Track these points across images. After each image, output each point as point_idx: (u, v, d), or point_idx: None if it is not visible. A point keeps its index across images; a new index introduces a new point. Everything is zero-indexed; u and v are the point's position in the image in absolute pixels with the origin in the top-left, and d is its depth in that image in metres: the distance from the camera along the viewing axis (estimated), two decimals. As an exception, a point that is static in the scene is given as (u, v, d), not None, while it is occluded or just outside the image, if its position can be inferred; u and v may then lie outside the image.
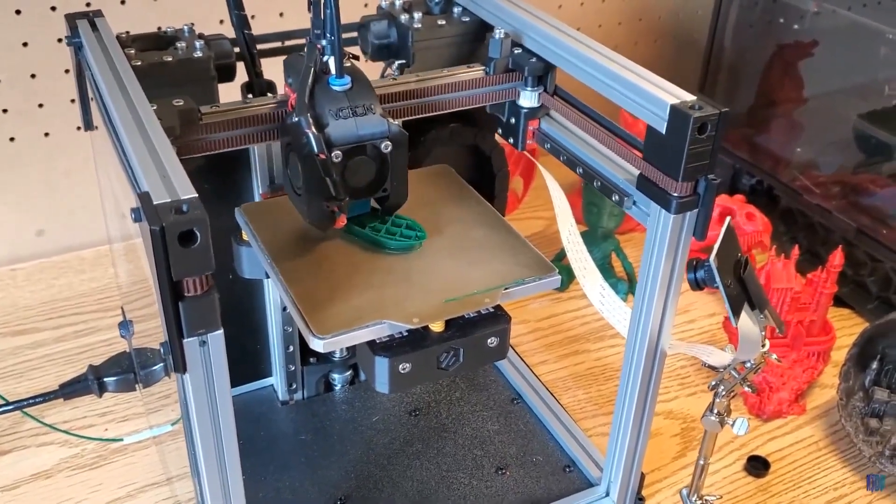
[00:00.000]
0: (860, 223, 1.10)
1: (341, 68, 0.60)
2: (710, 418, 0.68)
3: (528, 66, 0.70)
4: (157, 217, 0.46)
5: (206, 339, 0.50)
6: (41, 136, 1.09)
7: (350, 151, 0.60)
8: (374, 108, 0.60)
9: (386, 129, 0.60)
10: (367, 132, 0.60)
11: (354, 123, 0.60)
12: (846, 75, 1.20)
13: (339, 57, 0.59)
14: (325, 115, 0.59)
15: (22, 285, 1.10)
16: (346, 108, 0.59)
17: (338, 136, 0.59)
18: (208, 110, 0.63)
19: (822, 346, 0.97)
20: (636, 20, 1.43)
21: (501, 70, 0.71)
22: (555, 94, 0.72)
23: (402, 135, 0.61)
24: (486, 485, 0.79)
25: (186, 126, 0.60)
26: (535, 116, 0.73)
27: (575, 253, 0.76)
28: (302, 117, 0.58)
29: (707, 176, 0.59)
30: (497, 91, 0.72)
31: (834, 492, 0.87)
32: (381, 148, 0.60)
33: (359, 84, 0.61)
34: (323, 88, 0.60)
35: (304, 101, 0.59)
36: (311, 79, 0.59)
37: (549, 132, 0.72)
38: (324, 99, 0.59)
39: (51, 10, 1.02)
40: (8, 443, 0.88)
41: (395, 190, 0.63)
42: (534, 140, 0.74)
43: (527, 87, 0.71)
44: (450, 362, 0.61)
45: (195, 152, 0.61)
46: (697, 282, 0.59)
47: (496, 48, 0.71)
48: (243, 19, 0.74)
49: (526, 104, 0.72)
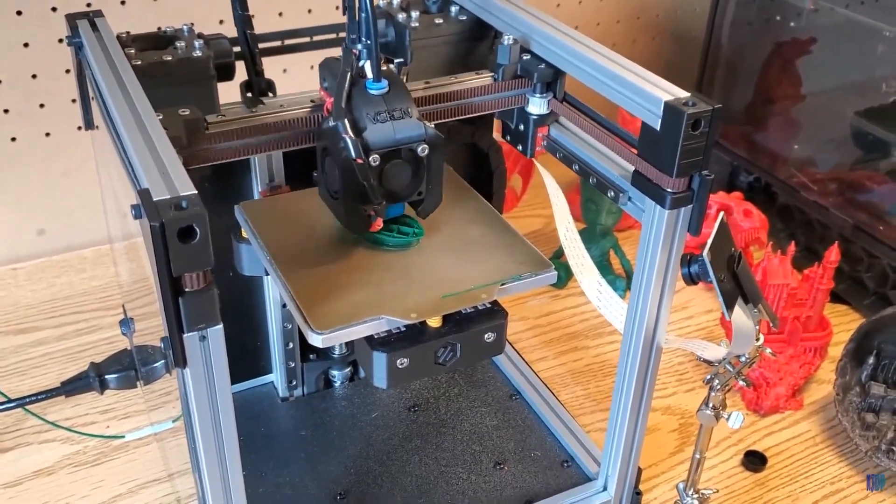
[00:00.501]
0: (857, 220, 1.11)
1: (378, 72, 0.60)
2: (706, 412, 0.68)
3: (538, 73, 0.69)
4: (157, 213, 0.47)
5: (206, 333, 0.51)
6: (42, 136, 1.10)
7: (387, 155, 0.59)
8: (412, 112, 0.60)
9: (423, 132, 0.60)
10: (404, 136, 0.60)
11: (392, 127, 0.59)
12: (843, 73, 1.20)
13: (375, 61, 0.59)
14: (363, 118, 0.59)
15: (23, 284, 1.11)
16: (383, 111, 0.59)
17: (375, 140, 0.59)
18: (214, 119, 0.63)
19: (819, 341, 0.97)
20: (634, 18, 1.43)
21: (510, 76, 0.71)
22: (564, 100, 0.71)
23: (438, 138, 0.61)
24: (484, 479, 0.79)
25: (192, 136, 0.60)
26: (544, 123, 0.72)
27: (572, 250, 0.77)
28: (339, 122, 0.58)
29: (701, 172, 0.59)
30: (506, 97, 0.71)
31: (831, 486, 0.87)
32: (417, 151, 0.60)
33: (395, 87, 0.60)
34: (360, 92, 0.60)
35: (342, 105, 0.58)
36: (349, 83, 0.59)
37: (558, 139, 0.72)
38: (361, 103, 0.59)
39: (51, 10, 1.03)
40: (10, 440, 0.88)
41: (430, 193, 0.63)
42: (542, 147, 0.73)
43: (535, 93, 0.71)
44: (447, 357, 0.62)
45: (201, 162, 0.61)
46: (691, 276, 0.59)
47: (504, 54, 0.70)
48: (247, 20, 0.74)
49: (535, 111, 0.72)
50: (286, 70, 1.04)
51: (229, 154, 0.63)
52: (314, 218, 0.67)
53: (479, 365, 0.92)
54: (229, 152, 0.63)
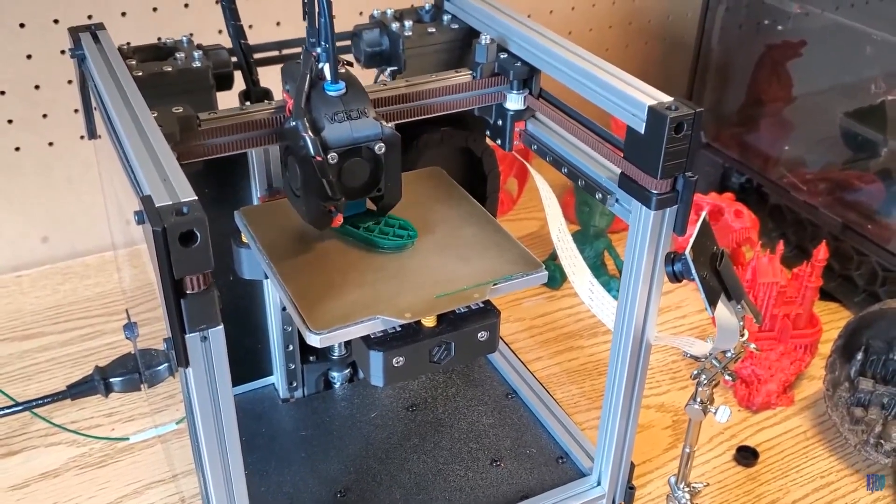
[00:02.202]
0: (846, 219, 1.12)
1: (336, 74, 0.62)
2: (694, 407, 0.70)
3: (514, 70, 0.73)
4: (159, 219, 0.49)
5: (207, 334, 0.53)
6: (45, 146, 1.12)
7: (345, 153, 0.62)
8: (368, 112, 0.63)
9: (379, 131, 0.63)
10: (361, 135, 0.62)
11: (349, 126, 0.62)
12: (832, 75, 1.22)
13: (333, 63, 0.62)
14: (321, 119, 0.62)
15: (28, 291, 1.13)
16: (341, 112, 0.62)
17: (333, 138, 0.62)
18: (206, 116, 0.65)
19: (809, 338, 0.99)
20: (626, 23, 1.45)
21: (488, 74, 0.74)
22: (540, 96, 0.74)
23: (394, 136, 0.64)
24: (481, 476, 0.81)
25: (186, 132, 0.63)
26: (521, 118, 0.76)
27: (565, 251, 0.78)
28: (299, 121, 0.61)
29: (685, 173, 0.61)
30: (484, 94, 0.75)
31: (821, 479, 0.89)
32: (375, 150, 0.63)
33: (353, 89, 0.63)
34: (319, 94, 0.62)
35: (301, 105, 0.61)
36: (308, 85, 0.62)
37: (535, 133, 0.75)
38: (320, 104, 0.62)
39: (53, 22, 1.04)
40: (18, 443, 0.90)
41: (389, 190, 0.66)
42: (520, 141, 0.76)
43: (512, 90, 0.74)
44: (441, 356, 0.64)
45: (195, 157, 0.64)
46: (675, 274, 0.61)
47: (482, 53, 0.73)
48: (239, 29, 0.76)
49: (512, 107, 0.75)
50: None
51: (221, 149, 0.65)
52: (311, 222, 0.69)
53: (476, 365, 0.94)
54: (221, 147, 0.65)
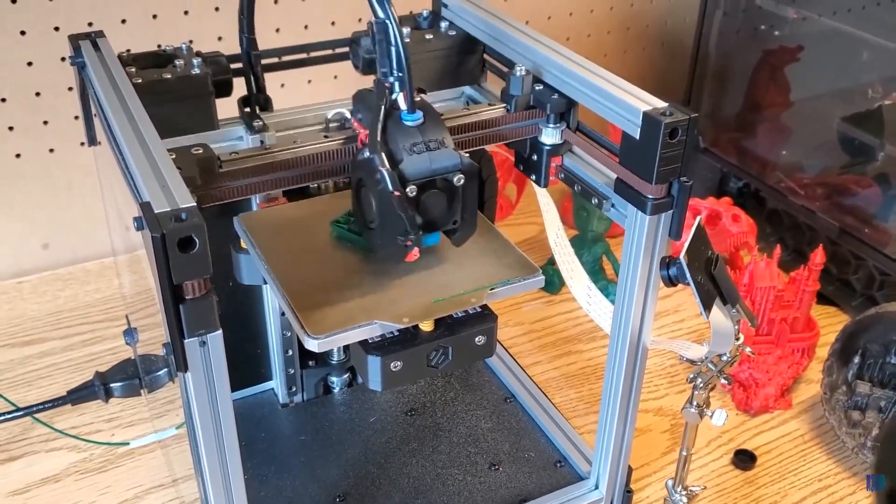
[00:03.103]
0: (844, 223, 1.13)
1: (413, 103, 0.60)
2: (690, 410, 0.70)
3: (551, 103, 0.69)
4: (158, 225, 0.49)
5: (206, 339, 0.53)
6: (46, 152, 1.12)
7: (423, 186, 0.60)
8: (447, 142, 0.61)
9: (459, 162, 0.61)
10: (440, 166, 0.60)
11: (428, 158, 0.60)
12: (829, 79, 1.23)
13: (410, 92, 0.60)
14: (399, 150, 0.59)
15: (28, 297, 1.13)
16: (419, 142, 0.60)
17: (412, 171, 0.59)
18: (227, 157, 0.63)
19: (807, 342, 1.00)
20: (624, 29, 1.46)
21: (523, 107, 0.71)
22: (577, 129, 0.71)
23: (473, 167, 0.61)
24: (479, 480, 0.81)
25: (206, 174, 0.60)
26: (558, 153, 0.72)
27: (562, 256, 0.79)
28: (376, 155, 0.58)
29: (680, 178, 0.62)
30: (519, 128, 0.71)
31: (819, 482, 0.89)
32: (453, 181, 0.61)
33: (430, 118, 0.61)
34: (395, 124, 0.60)
35: (377, 137, 0.59)
36: (383, 115, 0.60)
37: (569, 167, 0.72)
38: (397, 134, 0.60)
39: (54, 30, 1.05)
40: (18, 448, 0.90)
41: (465, 221, 0.63)
42: (556, 176, 0.73)
43: (549, 123, 0.71)
44: (439, 360, 0.64)
45: (216, 201, 0.61)
46: (671, 278, 0.61)
47: (517, 86, 0.70)
48: (252, 42, 0.76)
49: (549, 141, 0.71)
50: (283, 85, 1.06)
51: (243, 192, 0.63)
52: (309, 228, 0.70)
53: (474, 369, 0.94)
54: (243, 190, 0.63)
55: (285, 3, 1.16)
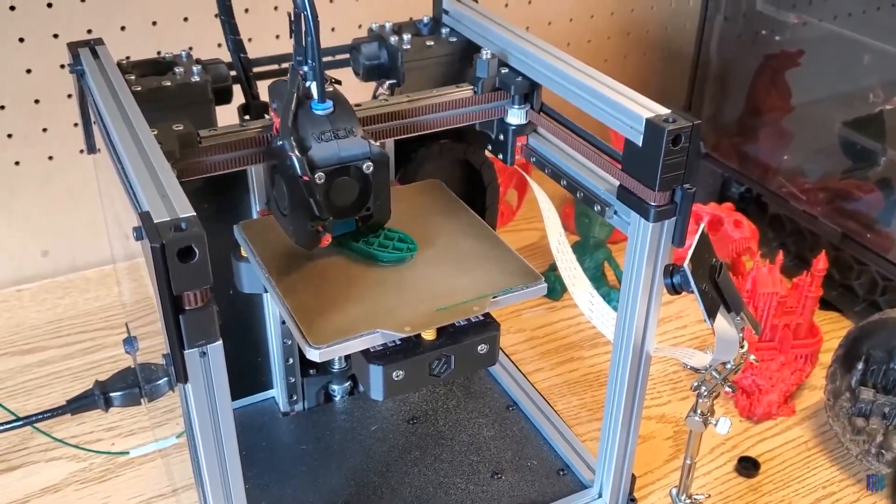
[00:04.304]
0: (846, 228, 1.12)
1: (323, 93, 0.62)
2: (694, 418, 0.70)
3: (515, 85, 0.73)
4: (158, 235, 0.49)
5: (206, 350, 0.53)
6: (45, 160, 1.12)
7: (333, 173, 0.62)
8: (356, 131, 0.63)
9: (367, 150, 0.63)
10: (348, 154, 0.62)
11: (336, 146, 0.62)
12: (831, 84, 1.22)
13: (320, 82, 0.61)
14: (308, 138, 0.61)
15: (28, 305, 1.13)
16: (328, 131, 0.62)
17: (321, 158, 0.61)
18: (206, 134, 0.65)
19: (810, 348, 0.99)
20: (625, 34, 1.45)
21: (489, 89, 0.74)
22: (541, 110, 0.74)
23: (383, 155, 0.63)
24: (482, 489, 0.81)
25: (186, 149, 0.63)
26: (522, 133, 0.75)
27: (564, 262, 0.79)
28: (286, 141, 0.60)
29: (683, 185, 0.61)
30: (486, 109, 0.74)
31: (823, 490, 0.89)
32: (363, 168, 0.63)
33: (340, 108, 0.63)
34: (306, 113, 0.62)
35: (288, 125, 0.61)
36: (294, 104, 0.61)
37: (536, 147, 0.75)
38: (307, 123, 0.62)
39: (53, 37, 1.05)
40: (18, 458, 0.90)
41: (378, 208, 0.65)
42: (522, 155, 0.76)
43: (514, 104, 0.74)
44: (441, 369, 0.64)
45: (195, 174, 0.64)
46: (674, 286, 0.61)
47: (483, 68, 0.73)
48: (239, 44, 0.76)
49: (513, 121, 0.75)
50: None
51: (221, 166, 0.65)
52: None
53: (476, 377, 0.94)
54: (221, 164, 0.65)
55: (285, 9, 1.15)
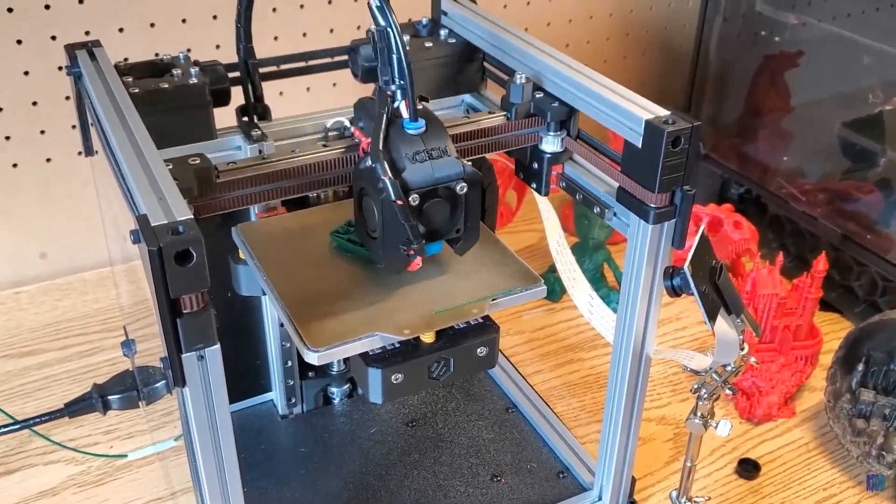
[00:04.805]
0: (846, 229, 1.12)
1: (415, 112, 0.60)
2: (694, 421, 0.70)
3: (551, 111, 0.69)
4: (155, 238, 0.48)
5: (204, 353, 0.53)
6: (43, 162, 1.12)
7: (426, 194, 0.60)
8: (449, 151, 0.60)
9: (461, 170, 0.60)
10: (443, 174, 0.60)
11: (431, 167, 0.59)
12: (830, 85, 1.22)
13: (412, 100, 0.59)
14: (401, 159, 0.59)
15: (26, 307, 1.12)
16: (422, 151, 0.59)
17: (415, 180, 0.59)
18: (225, 168, 0.63)
19: (810, 349, 0.99)
20: (624, 35, 1.45)
21: (523, 115, 0.71)
22: (578, 137, 0.71)
23: (476, 175, 0.61)
24: (481, 492, 0.81)
25: (203, 185, 0.60)
26: (558, 161, 0.72)
27: (563, 264, 0.78)
28: (378, 163, 0.58)
29: (682, 187, 0.61)
30: (520, 136, 0.71)
31: (823, 492, 0.88)
32: (456, 189, 0.60)
33: (432, 126, 0.61)
34: (397, 132, 0.60)
35: (379, 146, 0.58)
36: (385, 124, 0.59)
37: (571, 176, 0.72)
38: (399, 143, 0.59)
39: (51, 39, 1.04)
40: (16, 461, 0.90)
41: (468, 230, 0.63)
42: (557, 185, 0.73)
43: (549, 132, 0.71)
44: (440, 372, 0.64)
45: (214, 211, 0.61)
46: (674, 288, 0.61)
47: (517, 93, 0.70)
48: (250, 51, 0.76)
49: (549, 149, 0.71)
50: (282, 93, 1.06)
51: (241, 202, 0.63)
52: (309, 238, 0.69)
53: (476, 379, 0.93)
54: (241, 200, 0.62)
55: (284, 11, 1.15)
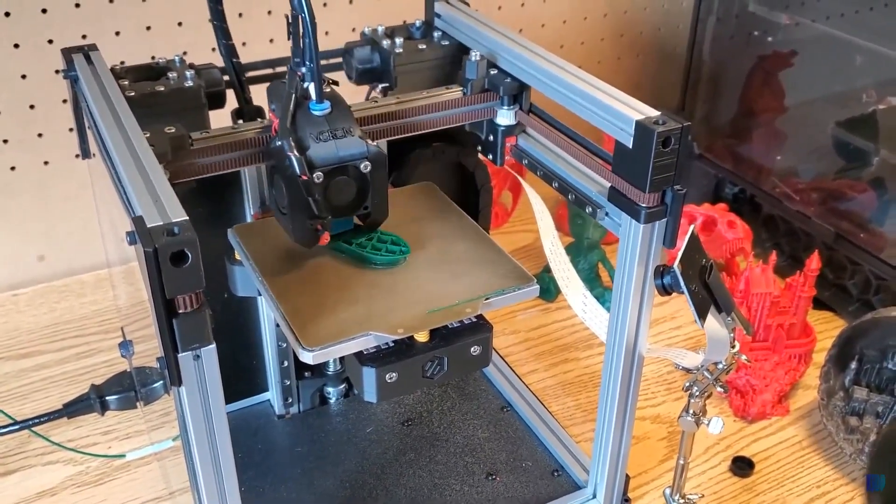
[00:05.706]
0: (839, 228, 1.13)
1: (321, 94, 0.63)
2: (687, 419, 0.70)
3: (504, 86, 0.73)
4: (151, 239, 0.49)
5: (200, 353, 0.53)
6: (41, 165, 1.12)
7: (331, 172, 0.63)
8: (353, 131, 0.64)
9: (365, 149, 0.64)
10: (346, 153, 0.63)
11: (335, 145, 0.63)
12: (823, 84, 1.23)
13: (318, 83, 0.62)
14: (307, 138, 0.62)
15: (24, 310, 1.13)
16: (326, 131, 0.63)
17: (319, 157, 0.62)
18: (198, 136, 0.66)
19: (803, 348, 0.99)
20: (618, 36, 1.46)
21: (478, 90, 0.75)
22: (530, 111, 0.75)
23: (380, 155, 0.64)
24: (476, 490, 0.81)
25: (178, 151, 0.63)
26: (512, 133, 0.76)
27: (557, 264, 0.79)
28: (284, 141, 0.61)
29: (673, 186, 0.62)
30: (475, 110, 0.75)
31: (817, 489, 0.89)
32: (360, 168, 0.64)
33: (338, 108, 0.64)
34: (304, 113, 0.63)
35: (286, 125, 0.62)
36: (293, 104, 0.62)
37: (525, 148, 0.76)
38: (305, 123, 0.63)
39: (48, 42, 1.05)
40: (14, 462, 0.90)
41: (375, 207, 0.66)
42: (511, 156, 0.77)
43: (503, 105, 0.75)
44: (435, 371, 0.64)
45: (187, 176, 0.64)
46: (665, 287, 0.61)
47: (472, 69, 0.74)
48: (231, 49, 0.77)
49: (503, 122, 0.76)
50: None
51: (213, 168, 0.66)
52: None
53: (471, 378, 0.94)
54: (213, 166, 0.66)
55: (279, 14, 1.16)
